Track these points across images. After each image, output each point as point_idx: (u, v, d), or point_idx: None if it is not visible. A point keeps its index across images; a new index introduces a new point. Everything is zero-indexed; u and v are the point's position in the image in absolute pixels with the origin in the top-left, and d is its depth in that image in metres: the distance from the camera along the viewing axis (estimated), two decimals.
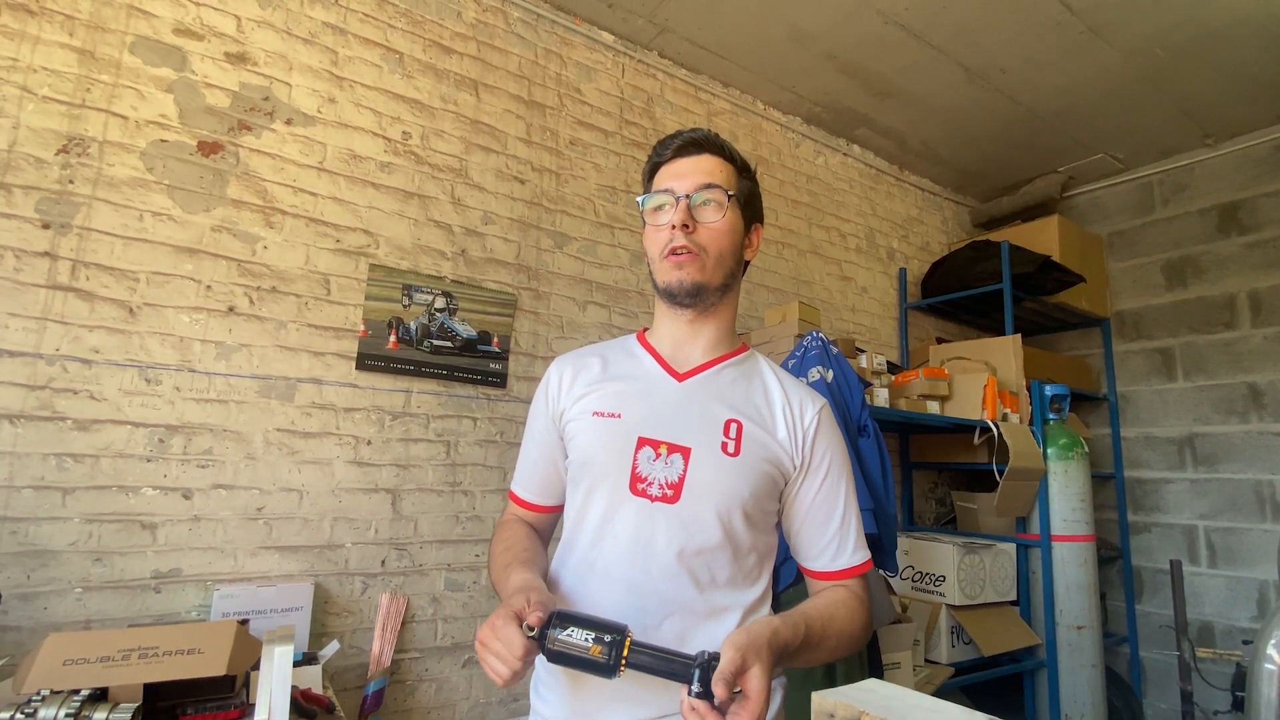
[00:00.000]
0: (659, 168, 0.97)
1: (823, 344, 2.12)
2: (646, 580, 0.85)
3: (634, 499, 0.88)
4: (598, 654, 0.70)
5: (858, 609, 0.90)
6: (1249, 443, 3.03)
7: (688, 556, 0.86)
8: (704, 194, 0.91)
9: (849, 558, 0.93)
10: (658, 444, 0.89)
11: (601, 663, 0.71)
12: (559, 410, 0.98)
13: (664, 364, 0.97)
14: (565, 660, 0.72)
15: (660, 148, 0.97)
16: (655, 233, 0.94)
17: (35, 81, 1.57)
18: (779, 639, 0.75)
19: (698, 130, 0.96)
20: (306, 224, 1.87)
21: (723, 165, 0.95)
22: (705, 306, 0.95)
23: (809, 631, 0.82)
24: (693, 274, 0.90)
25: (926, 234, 3.67)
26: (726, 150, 0.96)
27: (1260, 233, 3.08)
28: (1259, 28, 2.41)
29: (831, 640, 0.85)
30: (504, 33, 2.31)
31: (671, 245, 0.90)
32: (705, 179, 0.92)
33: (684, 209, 0.90)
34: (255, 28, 1.85)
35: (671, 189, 0.92)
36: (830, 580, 0.93)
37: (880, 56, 2.63)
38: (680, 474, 0.87)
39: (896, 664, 2.18)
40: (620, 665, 0.70)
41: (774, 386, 0.96)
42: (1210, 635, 3.03)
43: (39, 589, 1.47)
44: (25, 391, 1.49)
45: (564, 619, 0.73)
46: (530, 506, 1.04)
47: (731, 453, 0.88)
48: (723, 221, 0.92)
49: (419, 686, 1.89)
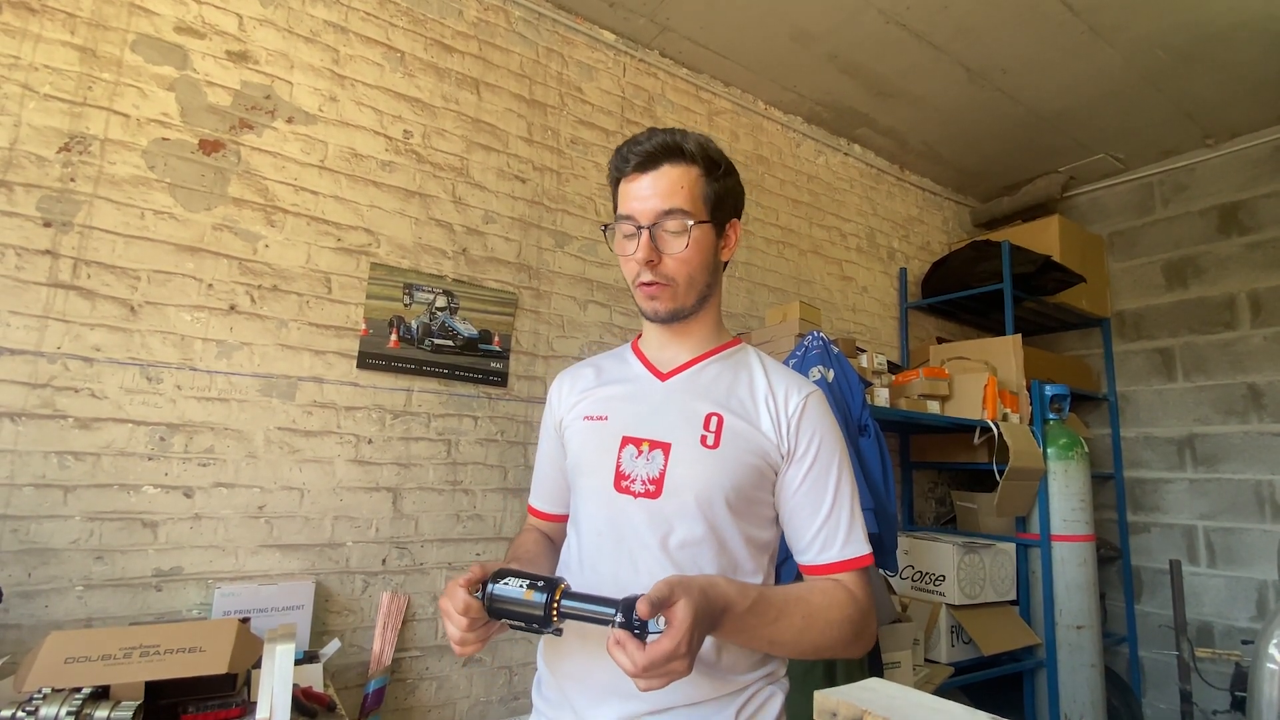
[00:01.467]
0: (620, 182, 0.93)
1: (823, 343, 2.12)
2: (634, 576, 0.86)
3: (619, 496, 0.89)
4: (530, 598, 0.72)
5: (843, 599, 0.84)
6: (1249, 443, 3.03)
7: (672, 550, 0.86)
8: (668, 221, 0.88)
9: (839, 550, 0.88)
10: (640, 442, 0.90)
11: (537, 609, 0.72)
12: (559, 420, 1.03)
13: (650, 366, 0.99)
14: (504, 612, 0.74)
15: (619, 160, 0.91)
16: (625, 261, 0.93)
17: (37, 79, 1.57)
18: (717, 589, 0.74)
19: (654, 135, 0.90)
20: (308, 222, 1.87)
21: (684, 174, 0.89)
22: (685, 319, 0.96)
23: (765, 601, 0.78)
24: (665, 304, 0.92)
25: (927, 234, 3.67)
26: (687, 152, 0.89)
27: (1260, 233, 3.08)
28: (1260, 29, 2.41)
29: (797, 620, 0.80)
30: (505, 31, 2.31)
31: (640, 279, 0.91)
32: (665, 204, 0.87)
33: (647, 244, 0.87)
34: (257, 26, 1.85)
35: (634, 217, 0.89)
36: (820, 574, 0.89)
37: (881, 56, 2.63)
38: (661, 469, 0.88)
39: (896, 663, 2.19)
40: (554, 611, 0.71)
41: (760, 377, 0.96)
42: (1209, 635, 3.03)
43: (40, 587, 1.47)
44: (27, 389, 1.49)
45: (502, 574, 0.76)
46: (546, 516, 1.09)
47: (711, 445, 0.88)
48: (688, 250, 0.89)
49: (420, 685, 1.90)
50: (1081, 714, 2.62)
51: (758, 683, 0.87)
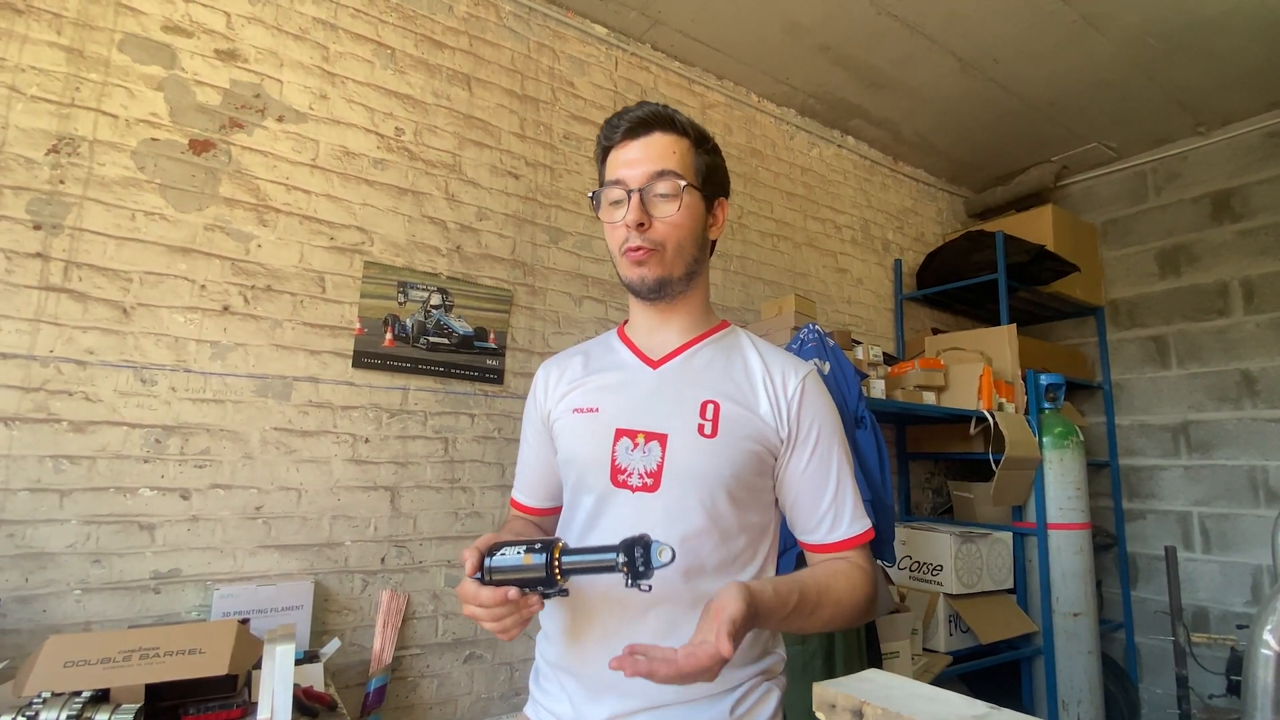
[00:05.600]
0: (609, 151, 0.91)
1: (819, 336, 2.12)
2: None
3: (616, 491, 0.87)
4: (530, 562, 0.71)
5: (859, 579, 0.86)
6: (1242, 429, 3.05)
7: (673, 544, 0.85)
8: (658, 183, 0.86)
9: (847, 528, 0.90)
10: (635, 434, 0.88)
11: (539, 571, 0.71)
12: (546, 411, 0.99)
13: (639, 354, 0.96)
14: (506, 581, 0.72)
15: (608, 129, 0.91)
16: (611, 229, 0.90)
17: (24, 81, 1.55)
18: (752, 594, 0.72)
19: (645, 105, 0.90)
20: (300, 222, 1.86)
21: (676, 142, 0.88)
22: (672, 296, 0.92)
23: (803, 598, 0.79)
24: (653, 270, 0.88)
25: (921, 225, 3.68)
26: (679, 124, 0.90)
27: (1252, 220, 3.09)
28: (1250, 16, 2.41)
29: (828, 609, 0.82)
30: (496, 26, 2.30)
31: (628, 244, 0.87)
32: (657, 165, 0.87)
33: (637, 206, 0.85)
34: (245, 24, 1.84)
35: (623, 180, 0.87)
36: (829, 553, 0.90)
37: (873, 47, 2.63)
38: (658, 461, 0.86)
39: (895, 653, 2.20)
40: (555, 570, 0.70)
41: (754, 360, 0.94)
42: (1205, 620, 3.06)
43: (38, 591, 1.46)
44: (20, 394, 1.48)
45: (497, 546, 0.74)
46: (531, 510, 1.05)
47: (709, 434, 0.86)
48: (679, 213, 0.87)
49: (420, 683, 1.90)
50: (1079, 700, 2.65)
51: (754, 679, 0.87)
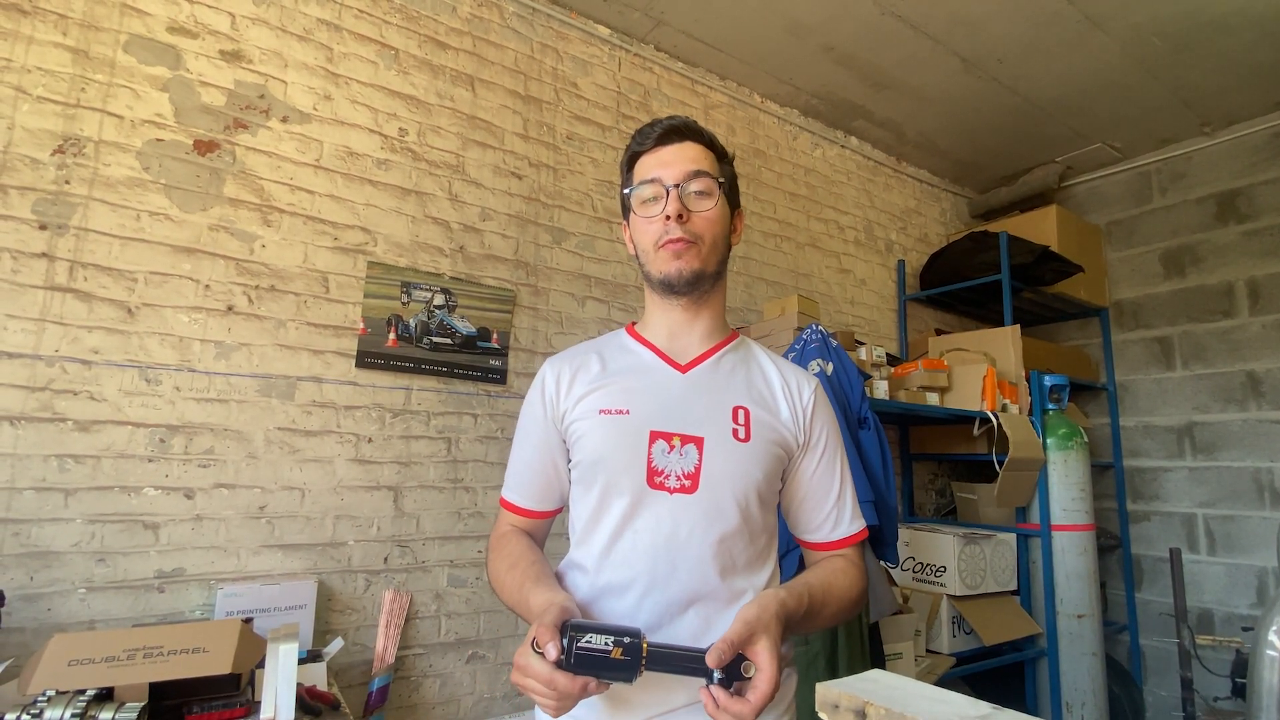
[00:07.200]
0: (639, 157, 0.96)
1: (822, 337, 2.12)
2: (671, 572, 0.85)
3: (653, 493, 0.88)
4: (619, 656, 0.72)
5: (855, 576, 0.94)
6: (1247, 431, 3.03)
7: (711, 544, 0.86)
8: (694, 182, 0.91)
9: (847, 527, 0.97)
10: (670, 436, 0.89)
11: (624, 665, 0.72)
12: (560, 412, 0.96)
13: (664, 356, 0.97)
14: (589, 669, 0.72)
15: (640, 136, 0.96)
16: (647, 224, 0.93)
17: (29, 81, 1.56)
18: (785, 610, 0.79)
19: (676, 117, 0.96)
20: (304, 222, 1.86)
21: (705, 153, 0.94)
22: (701, 294, 0.95)
23: (811, 601, 0.85)
24: (691, 262, 0.91)
25: (925, 225, 3.67)
26: (706, 137, 0.96)
27: (1258, 221, 3.08)
28: (1256, 16, 2.40)
29: (832, 608, 0.89)
30: (499, 27, 2.30)
31: (668, 236, 0.90)
32: (693, 166, 0.92)
33: (676, 199, 0.90)
34: (250, 25, 1.84)
35: (659, 178, 0.91)
36: (829, 550, 0.98)
37: (877, 47, 2.63)
38: (696, 464, 0.88)
39: (898, 654, 2.19)
40: (640, 666, 0.72)
41: (771, 370, 0.99)
42: (1210, 622, 3.04)
43: (42, 590, 1.47)
44: (25, 393, 1.49)
45: (579, 629, 0.73)
46: (528, 513, 1.01)
47: (743, 438, 0.90)
48: (714, 209, 0.92)
49: (423, 682, 1.90)
50: (1083, 702, 2.64)
51: None
